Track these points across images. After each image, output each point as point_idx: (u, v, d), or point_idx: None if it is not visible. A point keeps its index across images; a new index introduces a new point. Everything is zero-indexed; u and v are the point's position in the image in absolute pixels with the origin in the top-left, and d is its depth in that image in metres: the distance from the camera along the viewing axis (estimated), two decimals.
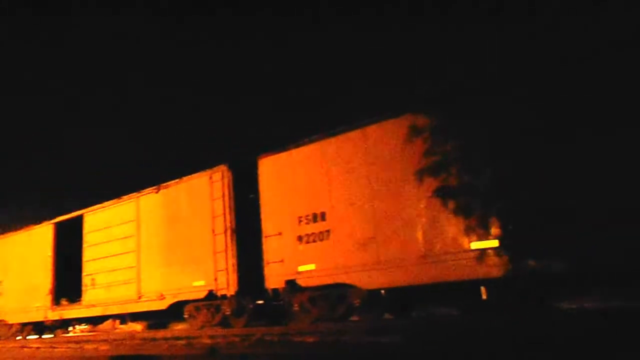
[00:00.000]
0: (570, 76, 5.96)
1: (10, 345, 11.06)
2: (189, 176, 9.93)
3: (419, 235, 6.75)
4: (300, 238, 7.96)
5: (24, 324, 13.67)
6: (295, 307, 8.09)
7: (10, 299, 13.87)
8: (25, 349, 9.96)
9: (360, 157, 7.44)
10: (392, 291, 7.24)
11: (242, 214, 9.08)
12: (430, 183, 6.73)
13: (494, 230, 6.22)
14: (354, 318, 7.80)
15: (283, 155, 8.41)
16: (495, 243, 6.20)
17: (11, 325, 13.90)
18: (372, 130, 7.38)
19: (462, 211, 6.46)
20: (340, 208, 7.56)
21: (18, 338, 13.54)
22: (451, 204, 6.56)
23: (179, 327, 11.12)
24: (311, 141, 8.09)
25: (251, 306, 8.81)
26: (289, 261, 8.06)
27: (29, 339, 12.89)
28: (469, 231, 6.38)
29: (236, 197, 9.14)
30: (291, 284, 8.01)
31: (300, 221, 7.98)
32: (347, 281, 7.41)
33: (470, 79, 7.10)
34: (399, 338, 5.47)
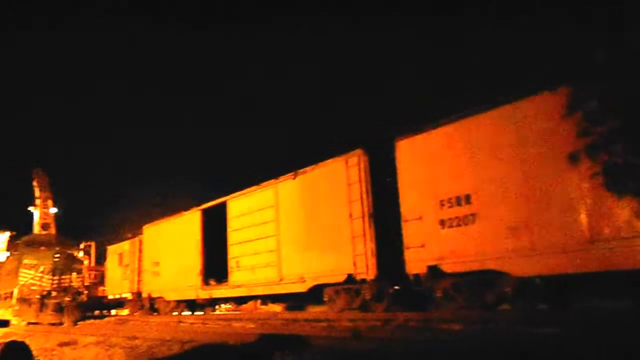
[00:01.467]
0: None
1: (169, 320, 12.21)
2: (325, 161, 10.02)
3: (583, 218, 6.09)
4: (442, 222, 7.62)
5: (179, 301, 15.03)
6: (438, 294, 7.79)
7: (166, 279, 15.33)
8: (181, 324, 10.93)
9: (509, 134, 6.88)
10: (549, 279, 6.64)
11: (379, 198, 8.94)
12: (595, 160, 6.01)
13: None
14: (504, 307, 7.31)
15: (423, 136, 8.09)
16: None
17: (168, 302, 15.36)
18: (523, 105, 6.79)
19: (635, 190, 5.68)
20: (487, 190, 7.08)
21: (174, 314, 14.91)
22: (621, 183, 5.79)
23: (315, 310, 11.40)
24: (453, 120, 7.68)
25: (391, 291, 8.68)
26: (430, 246, 7.77)
27: (183, 315, 14.15)
28: None
29: (373, 181, 9.02)
30: (433, 269, 7.72)
31: (442, 204, 7.63)
32: (496, 267, 6.95)
33: None
34: (555, 331, 5.02)
